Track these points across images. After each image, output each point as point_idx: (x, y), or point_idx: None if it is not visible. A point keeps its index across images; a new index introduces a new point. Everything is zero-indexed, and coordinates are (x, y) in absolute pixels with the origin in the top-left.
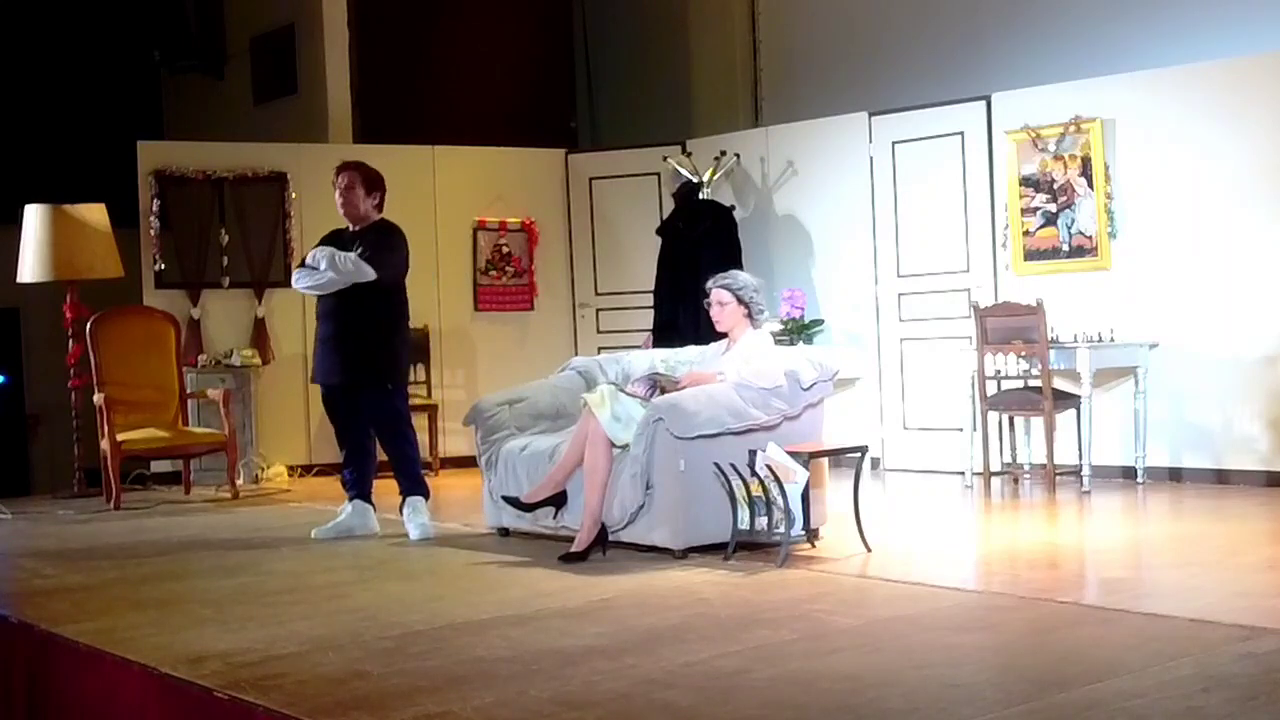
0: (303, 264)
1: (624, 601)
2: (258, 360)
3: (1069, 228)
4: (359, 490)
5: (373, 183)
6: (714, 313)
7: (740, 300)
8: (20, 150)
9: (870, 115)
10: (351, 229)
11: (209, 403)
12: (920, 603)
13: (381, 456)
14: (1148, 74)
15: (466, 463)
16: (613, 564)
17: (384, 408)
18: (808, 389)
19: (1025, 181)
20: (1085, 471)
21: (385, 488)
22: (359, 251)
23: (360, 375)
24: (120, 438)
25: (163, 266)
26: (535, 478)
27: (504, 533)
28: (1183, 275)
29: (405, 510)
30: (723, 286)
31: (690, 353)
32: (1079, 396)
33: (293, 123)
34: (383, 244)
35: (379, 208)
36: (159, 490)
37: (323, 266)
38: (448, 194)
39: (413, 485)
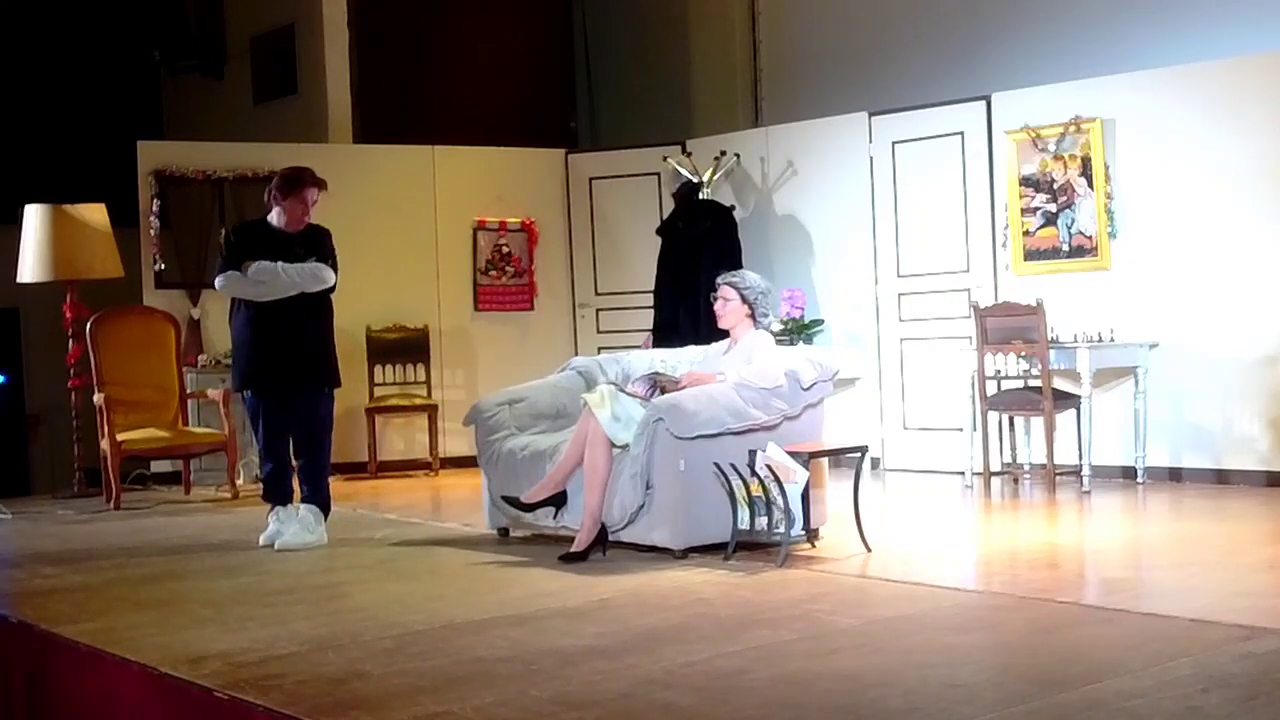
0: (231, 266)
1: (624, 601)
2: None
3: (1069, 228)
4: (289, 494)
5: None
6: (717, 307)
7: (744, 299)
8: (20, 150)
9: (870, 115)
10: (287, 230)
11: (209, 403)
12: (920, 603)
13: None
14: (1148, 74)
15: (466, 463)
16: (613, 564)
17: (321, 412)
18: (808, 389)
19: (1025, 181)
20: (1085, 471)
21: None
22: (313, 258)
23: (327, 379)
24: (120, 438)
25: (163, 266)
26: (535, 478)
27: (504, 533)
28: (1183, 275)
29: (301, 511)
30: (729, 283)
31: (691, 353)
32: (1079, 396)
33: (293, 123)
34: (329, 248)
35: None
36: (159, 490)
37: (289, 281)
38: (448, 194)
39: (319, 495)
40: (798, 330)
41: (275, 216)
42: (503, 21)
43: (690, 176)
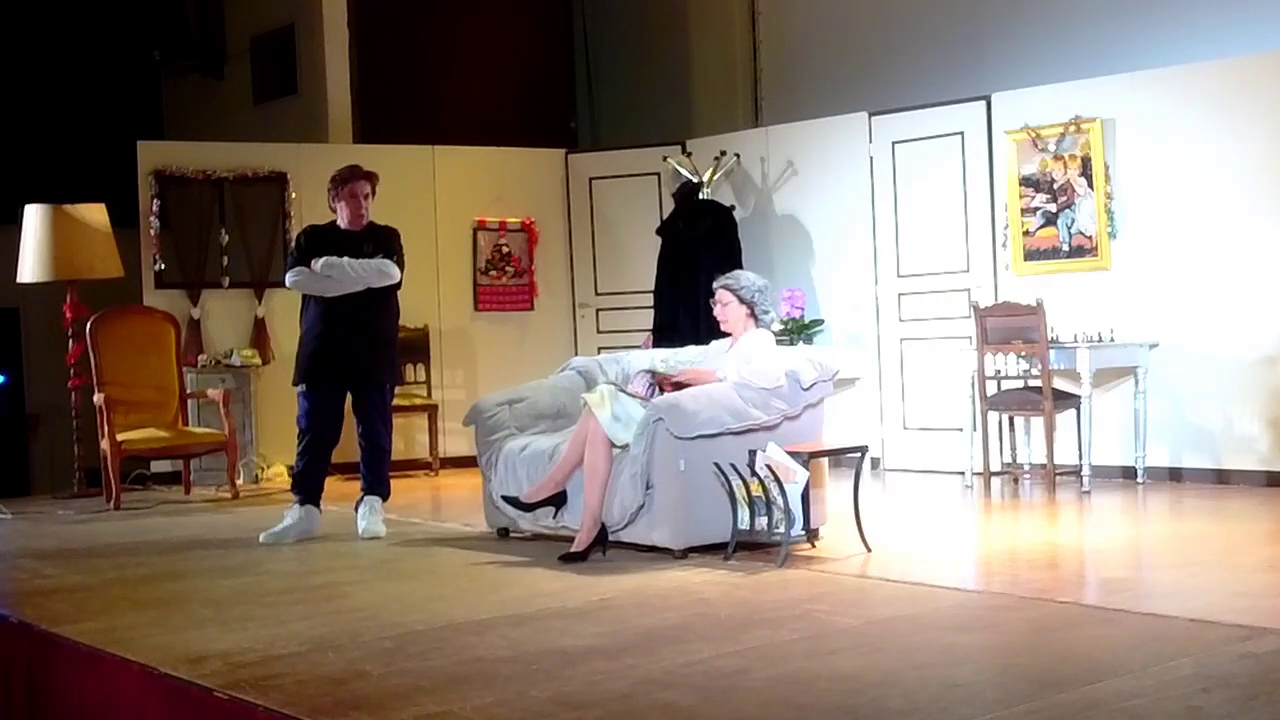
0: (301, 264)
1: (624, 601)
2: (258, 360)
3: (1069, 228)
4: (316, 495)
5: (375, 187)
6: (717, 312)
7: (742, 300)
8: (20, 150)
9: (870, 115)
10: (346, 229)
11: (209, 403)
12: (920, 603)
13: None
14: (1148, 74)
15: (466, 463)
16: (613, 564)
17: (388, 406)
18: (808, 389)
19: (1025, 181)
20: (1085, 471)
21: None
22: (380, 255)
23: (374, 375)
24: (120, 438)
25: (163, 266)
26: (535, 478)
27: (504, 533)
28: (1183, 275)
29: (363, 507)
30: (725, 286)
31: (691, 353)
32: (1079, 396)
33: (293, 123)
34: (396, 246)
35: None
36: (159, 490)
37: (355, 276)
38: (448, 194)
39: (382, 485)
40: (798, 330)
41: (339, 217)
42: (503, 21)
43: (690, 176)
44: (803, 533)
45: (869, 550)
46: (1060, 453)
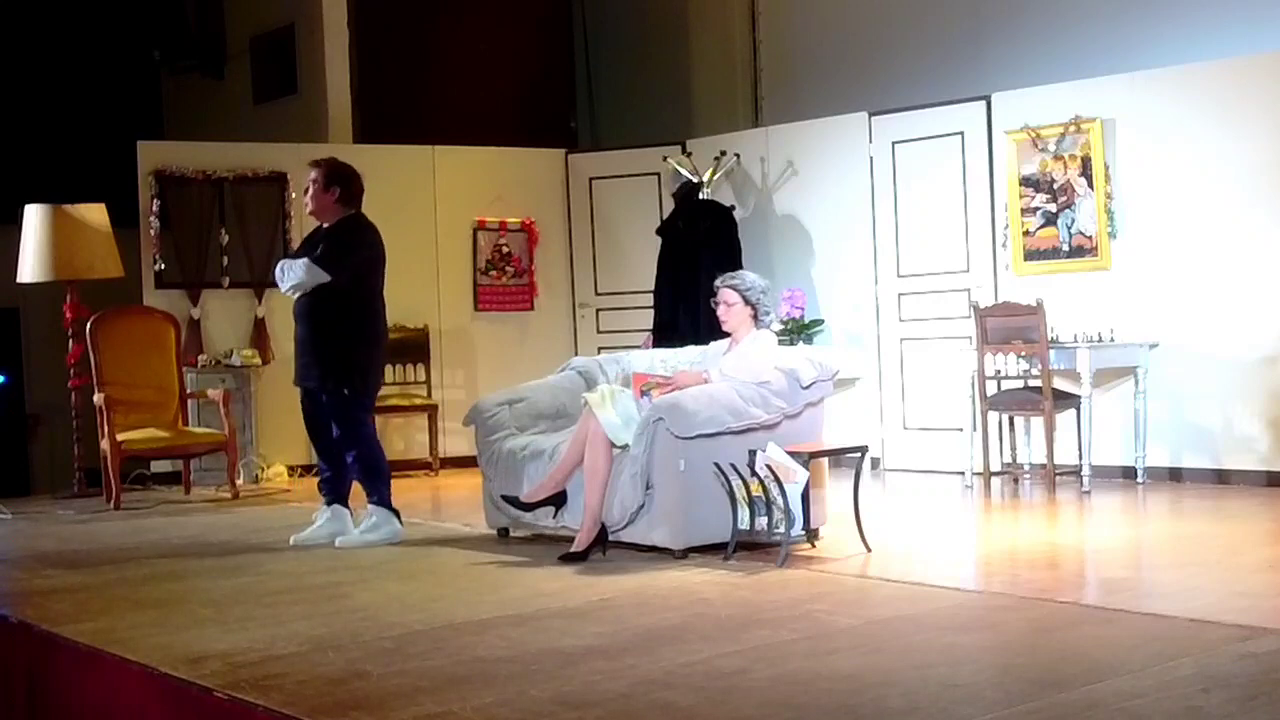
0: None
1: (624, 601)
2: (258, 360)
3: (1069, 228)
4: (336, 495)
5: (331, 178)
6: (720, 312)
7: (747, 301)
8: (20, 150)
9: (870, 115)
10: (323, 227)
11: (209, 403)
12: (920, 603)
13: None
14: (1148, 74)
15: (466, 463)
16: (613, 564)
17: (340, 412)
18: (807, 388)
19: (1025, 181)
20: (1085, 471)
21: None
22: (316, 253)
23: (320, 378)
24: (120, 438)
25: (163, 266)
26: (535, 478)
27: (504, 533)
28: (1183, 275)
29: (369, 510)
30: (730, 286)
31: (691, 353)
32: (1079, 396)
33: (293, 123)
34: (340, 244)
35: (344, 203)
36: (159, 490)
37: (279, 278)
38: (448, 194)
39: (370, 495)
40: (798, 330)
41: None
42: (503, 21)
43: (690, 176)
44: (803, 533)
45: (869, 550)
46: (1060, 453)
